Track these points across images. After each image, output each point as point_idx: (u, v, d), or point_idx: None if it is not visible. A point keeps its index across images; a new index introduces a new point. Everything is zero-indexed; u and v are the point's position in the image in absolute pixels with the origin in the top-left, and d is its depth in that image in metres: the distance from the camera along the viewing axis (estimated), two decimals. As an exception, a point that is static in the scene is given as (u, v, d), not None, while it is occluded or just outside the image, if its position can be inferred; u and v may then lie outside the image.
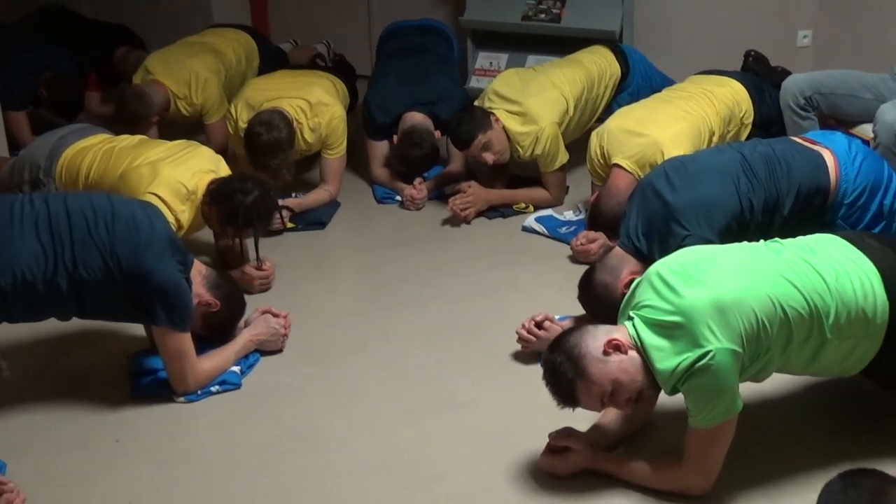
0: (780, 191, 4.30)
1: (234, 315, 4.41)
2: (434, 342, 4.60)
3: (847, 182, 4.34)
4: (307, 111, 5.82)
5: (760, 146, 4.47)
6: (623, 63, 6.23)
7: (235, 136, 5.89)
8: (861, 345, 3.48)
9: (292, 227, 5.74)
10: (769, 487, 3.54)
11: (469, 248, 5.56)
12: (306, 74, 6.32)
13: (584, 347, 3.39)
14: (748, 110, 5.57)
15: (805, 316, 3.36)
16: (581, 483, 3.58)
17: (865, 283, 3.45)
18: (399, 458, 3.81)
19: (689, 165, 4.42)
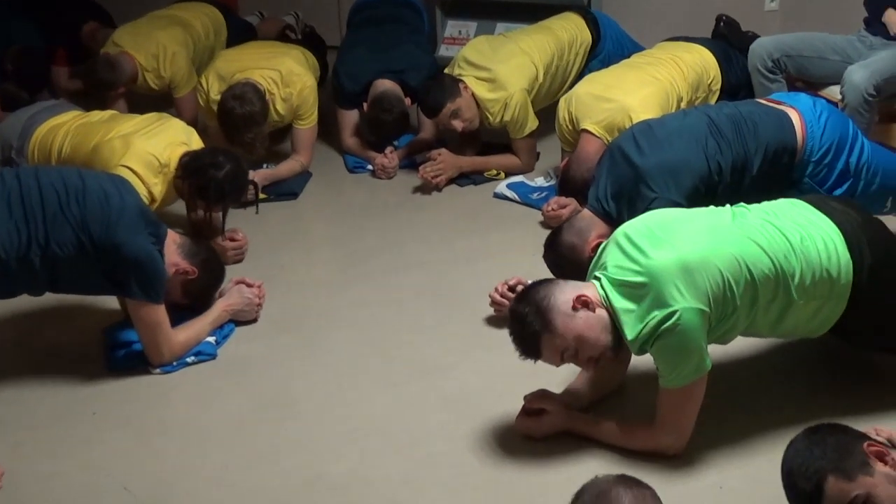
0: (747, 151, 4.32)
1: (213, 282, 4.42)
2: (407, 309, 4.63)
3: (813, 140, 4.36)
4: (278, 82, 5.82)
5: (727, 108, 4.50)
6: (594, 30, 6.22)
7: (207, 108, 5.88)
8: (827, 305, 3.52)
9: (264, 197, 5.74)
10: (742, 446, 3.58)
11: (441, 215, 5.58)
12: (277, 46, 6.34)
13: (552, 300, 3.41)
14: (716, 76, 5.60)
15: (771, 276, 3.39)
16: (557, 444, 3.62)
17: (829, 244, 3.48)
18: (376, 424, 3.83)
19: (656, 129, 4.44)
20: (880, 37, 5.56)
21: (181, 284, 4.24)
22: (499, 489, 3.48)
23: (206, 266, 4.32)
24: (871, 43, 5.56)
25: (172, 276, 4.17)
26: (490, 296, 4.39)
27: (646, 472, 3.41)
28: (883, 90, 5.15)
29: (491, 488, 3.48)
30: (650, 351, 3.39)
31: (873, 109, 5.15)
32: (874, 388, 3.81)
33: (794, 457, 2.79)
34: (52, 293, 4.18)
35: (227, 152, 4.87)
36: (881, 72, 5.16)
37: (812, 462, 2.73)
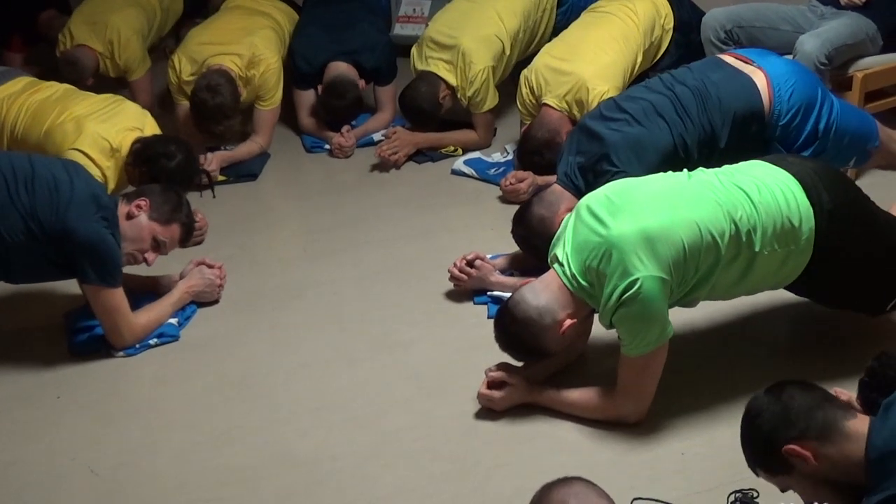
0: (714, 125, 4.33)
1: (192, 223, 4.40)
2: (368, 286, 4.65)
3: (781, 103, 4.36)
4: (241, 66, 5.81)
5: (691, 79, 4.47)
6: None
7: (177, 86, 5.89)
8: (792, 255, 3.56)
9: (223, 179, 5.75)
10: (703, 413, 3.62)
11: (400, 192, 5.59)
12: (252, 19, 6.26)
13: (543, 342, 3.52)
14: (668, 15, 5.65)
15: (731, 233, 3.43)
16: (519, 416, 3.66)
17: (787, 193, 3.53)
18: (340, 400, 3.86)
19: (623, 105, 4.45)
20: (831, 6, 5.59)
21: (171, 246, 4.25)
22: (465, 461, 3.50)
23: (182, 216, 4.28)
24: (822, 12, 5.59)
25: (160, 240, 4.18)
26: (449, 270, 4.43)
27: (609, 440, 3.46)
28: (834, 59, 5.20)
29: (457, 460, 3.51)
30: (613, 320, 3.43)
31: (825, 78, 5.18)
32: (836, 353, 3.85)
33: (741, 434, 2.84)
34: (9, 283, 4.19)
35: (178, 141, 4.86)
36: (832, 41, 5.20)
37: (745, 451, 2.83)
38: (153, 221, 4.16)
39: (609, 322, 3.45)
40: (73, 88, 5.18)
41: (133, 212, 4.14)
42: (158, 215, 4.17)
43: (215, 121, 5.53)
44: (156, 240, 4.17)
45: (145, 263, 4.21)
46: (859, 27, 5.38)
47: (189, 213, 4.33)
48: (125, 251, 4.13)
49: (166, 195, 4.24)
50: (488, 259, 4.44)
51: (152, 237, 4.16)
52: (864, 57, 5.41)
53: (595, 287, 3.43)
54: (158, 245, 4.19)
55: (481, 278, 4.38)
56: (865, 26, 5.40)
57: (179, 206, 4.26)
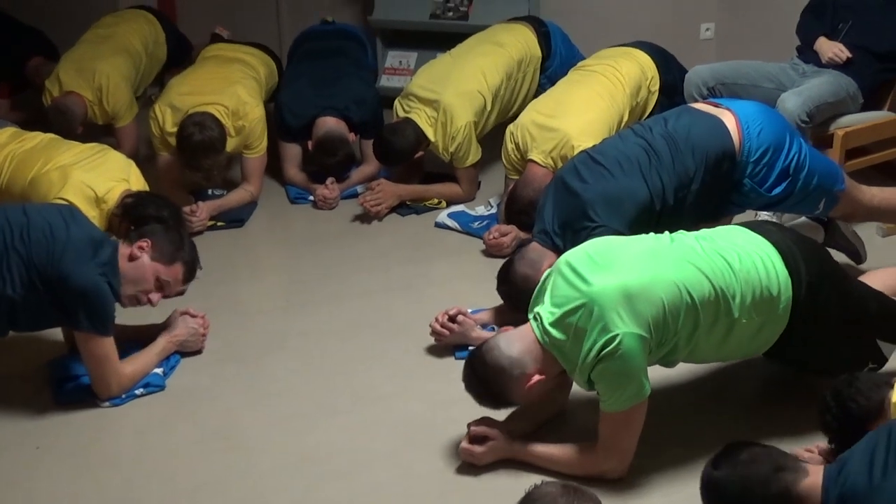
0: (687, 168, 4.35)
1: (195, 259, 4.37)
2: (351, 338, 4.65)
3: (750, 141, 4.37)
4: (227, 116, 5.82)
5: (660, 128, 4.49)
6: (544, 45, 6.27)
7: (160, 138, 5.87)
8: (768, 324, 3.60)
9: (212, 224, 5.78)
10: (683, 467, 3.63)
11: (383, 244, 5.60)
12: (229, 70, 6.28)
13: (508, 392, 3.53)
14: (654, 77, 5.71)
15: (711, 299, 3.46)
16: (501, 471, 3.66)
17: (767, 262, 3.56)
18: (320, 453, 3.86)
19: (596, 158, 4.47)
20: (812, 64, 5.67)
21: (174, 285, 4.26)
22: (444, 516, 3.50)
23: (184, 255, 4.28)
24: (804, 70, 5.67)
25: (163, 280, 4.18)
26: (431, 325, 4.44)
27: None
28: (815, 116, 5.26)
29: (436, 515, 3.51)
30: (592, 376, 3.43)
31: (806, 135, 5.24)
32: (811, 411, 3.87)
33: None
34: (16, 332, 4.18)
35: (170, 206, 4.85)
36: (814, 98, 5.27)
37: None
38: (156, 262, 4.16)
39: (587, 378, 3.46)
40: (58, 138, 5.20)
41: (135, 253, 4.15)
42: (161, 255, 4.17)
43: (203, 155, 5.53)
44: (159, 280, 4.17)
45: (150, 304, 4.21)
46: (840, 85, 5.45)
47: (192, 251, 4.33)
48: (128, 293, 4.13)
49: (168, 235, 4.25)
50: (470, 314, 4.46)
51: (156, 278, 4.17)
52: (845, 115, 5.49)
53: (570, 343, 3.44)
54: (162, 286, 4.20)
55: (463, 333, 4.39)
56: (846, 84, 5.47)
57: (181, 245, 4.27)
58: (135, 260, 4.14)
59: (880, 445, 2.67)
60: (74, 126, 6.17)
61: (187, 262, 4.27)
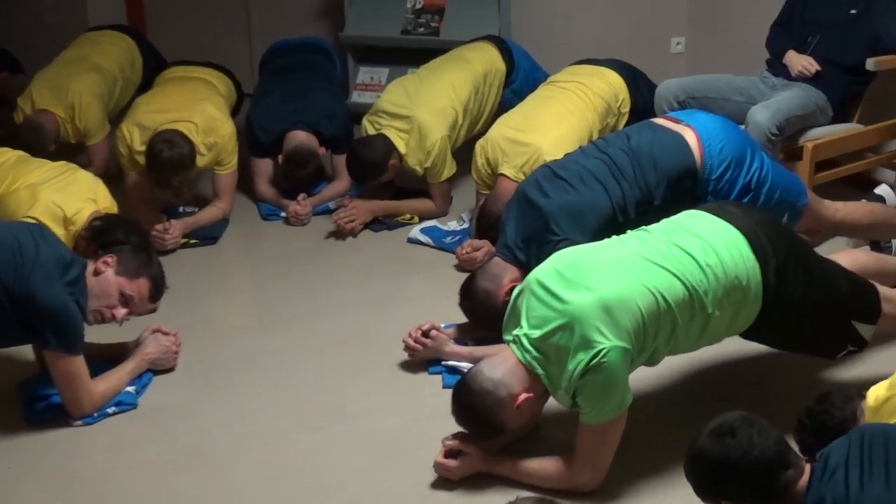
0: (649, 184, 4.38)
1: (161, 277, 4.34)
2: (324, 354, 4.65)
3: (712, 157, 4.40)
4: (197, 133, 5.80)
5: (623, 143, 4.52)
6: (508, 60, 6.32)
7: (128, 157, 5.83)
8: (743, 309, 3.63)
9: (185, 241, 5.77)
10: (658, 478, 3.65)
11: (356, 260, 5.60)
12: (196, 89, 6.28)
13: (499, 415, 3.52)
14: (625, 99, 5.73)
15: (685, 299, 3.48)
16: (475, 485, 3.66)
17: (733, 250, 3.59)
18: (294, 470, 3.84)
19: (558, 172, 4.49)
20: (782, 77, 5.71)
21: (140, 302, 4.22)
22: (418, 531, 3.50)
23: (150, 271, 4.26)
24: (774, 83, 5.70)
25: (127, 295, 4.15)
26: (404, 341, 4.44)
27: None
28: (785, 129, 5.29)
29: (411, 530, 3.50)
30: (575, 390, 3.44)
31: (776, 148, 5.28)
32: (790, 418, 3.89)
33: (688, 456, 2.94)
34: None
35: (139, 231, 4.82)
36: (783, 111, 5.30)
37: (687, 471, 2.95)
38: (120, 276, 4.14)
39: (571, 396, 3.46)
40: (26, 155, 5.19)
41: (100, 268, 4.13)
42: (126, 270, 4.15)
43: (173, 172, 5.49)
44: (123, 295, 4.15)
45: (114, 320, 4.18)
46: (810, 98, 5.48)
47: (159, 269, 4.31)
48: (93, 308, 4.11)
49: (135, 252, 4.24)
50: (443, 329, 4.46)
51: (120, 292, 4.14)
52: (815, 127, 5.51)
53: (553, 363, 3.45)
54: (127, 301, 4.17)
55: (436, 348, 4.39)
56: (816, 97, 5.50)
57: (149, 262, 4.25)
58: (99, 274, 4.12)
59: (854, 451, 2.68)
60: (47, 143, 6.16)
61: (153, 278, 4.24)
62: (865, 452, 2.64)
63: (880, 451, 2.64)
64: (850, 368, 4.22)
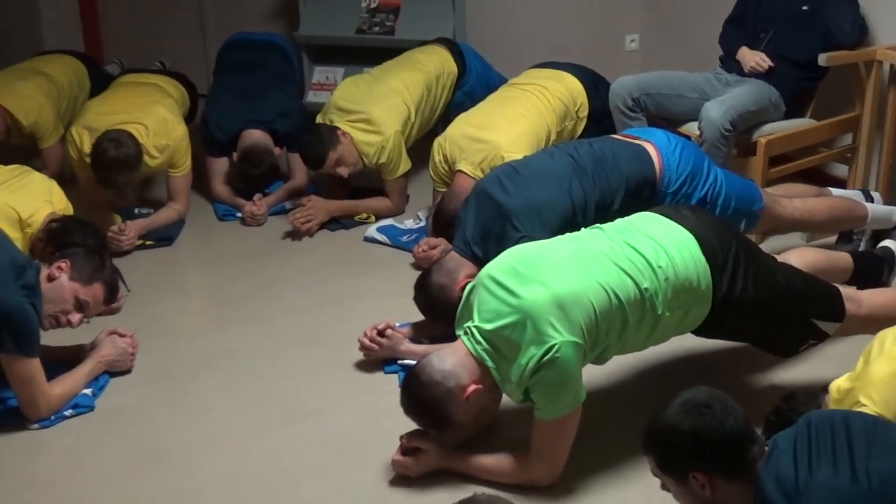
0: (610, 187, 4.42)
1: (115, 281, 4.35)
2: (281, 354, 4.65)
3: (670, 171, 4.47)
4: (148, 136, 5.76)
5: (586, 146, 4.59)
6: (459, 62, 6.35)
7: (79, 161, 5.78)
8: (692, 310, 3.66)
9: (141, 243, 5.75)
10: (615, 473, 3.68)
11: (312, 260, 5.60)
12: (148, 93, 6.24)
13: (447, 407, 3.52)
14: (583, 104, 5.74)
15: (636, 298, 3.51)
16: (433, 482, 3.67)
17: (684, 252, 3.62)
18: (252, 470, 3.84)
19: (520, 169, 4.53)
20: (735, 73, 5.75)
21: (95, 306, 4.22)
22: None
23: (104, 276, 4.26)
24: (727, 80, 5.74)
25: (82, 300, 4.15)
26: (359, 340, 4.44)
27: (522, 502, 3.48)
28: (739, 125, 5.33)
29: (369, 529, 3.51)
30: (528, 384, 3.45)
31: (730, 143, 5.32)
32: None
33: (660, 414, 2.93)
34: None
35: (96, 233, 4.79)
36: (737, 107, 5.34)
37: (652, 434, 2.92)
38: (74, 282, 4.13)
39: (523, 391, 3.48)
40: None
41: (54, 273, 4.11)
42: (80, 275, 4.14)
43: (117, 171, 5.45)
44: (78, 300, 4.14)
45: (69, 325, 4.17)
46: (762, 94, 5.53)
47: (112, 273, 4.30)
48: (48, 313, 4.09)
49: (88, 256, 4.22)
50: (399, 328, 4.47)
51: (74, 297, 4.13)
52: (768, 123, 5.55)
53: (504, 357, 3.46)
54: (81, 306, 4.16)
55: (392, 347, 4.40)
56: (769, 93, 5.55)
57: (102, 266, 4.24)
58: (53, 280, 4.11)
59: (801, 437, 2.70)
60: None
61: (107, 283, 4.24)
62: (812, 438, 2.67)
63: (826, 437, 2.67)
64: (809, 365, 4.26)
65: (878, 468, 2.56)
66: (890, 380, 3.01)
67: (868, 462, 2.57)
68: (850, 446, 2.62)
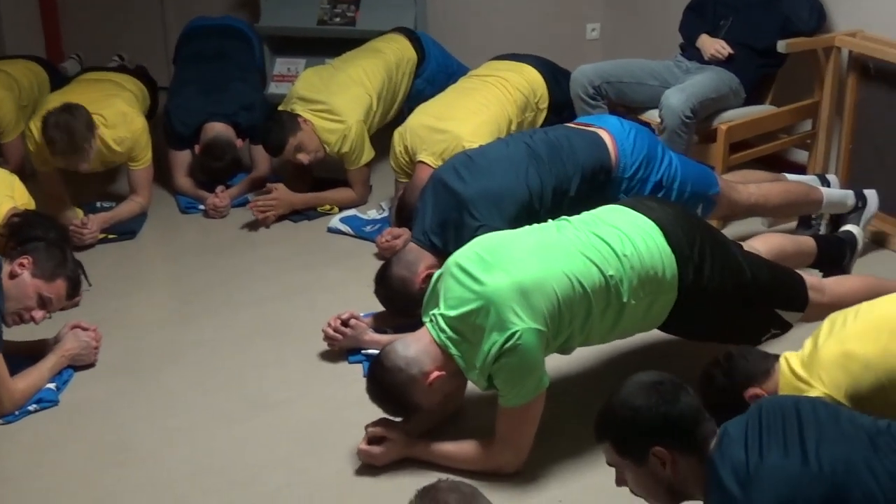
0: (566, 173, 4.44)
1: (78, 275, 4.35)
2: (245, 346, 4.65)
3: (625, 157, 4.50)
4: (106, 128, 5.72)
5: (541, 134, 4.62)
6: (418, 49, 6.35)
7: (38, 154, 5.70)
8: (658, 300, 3.69)
9: (103, 236, 5.72)
10: (580, 459, 3.71)
11: (276, 251, 5.60)
12: (106, 86, 6.19)
13: (411, 394, 3.55)
14: (543, 95, 5.75)
15: (601, 286, 3.54)
16: (399, 470, 3.69)
17: (650, 242, 3.65)
18: (217, 462, 3.85)
19: (476, 159, 4.54)
20: (695, 61, 5.78)
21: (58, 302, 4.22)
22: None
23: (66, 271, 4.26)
24: (687, 67, 5.77)
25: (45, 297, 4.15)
26: (323, 330, 4.45)
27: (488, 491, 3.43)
28: (699, 112, 5.35)
29: (335, 518, 3.52)
30: (491, 371, 3.47)
31: (691, 130, 5.35)
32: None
33: (613, 399, 2.89)
34: None
35: (57, 227, 4.77)
36: (697, 95, 5.36)
37: (608, 419, 2.87)
38: (37, 279, 4.13)
39: (487, 377, 3.50)
40: None
41: (16, 270, 4.10)
42: (42, 272, 4.14)
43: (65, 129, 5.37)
44: (41, 297, 4.14)
45: (33, 322, 4.16)
46: (722, 81, 5.56)
47: (74, 268, 4.29)
48: (11, 310, 4.08)
49: (50, 251, 4.22)
50: (362, 317, 4.48)
51: (37, 294, 4.13)
52: (728, 110, 5.58)
53: (468, 344, 3.49)
54: (45, 302, 4.15)
55: (356, 337, 4.41)
56: (728, 80, 5.58)
57: (64, 261, 4.24)
58: (15, 277, 4.10)
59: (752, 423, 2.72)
60: None
61: (70, 278, 4.24)
62: (763, 424, 2.69)
63: (777, 423, 2.68)
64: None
65: (829, 452, 2.58)
66: (839, 361, 3.04)
67: (819, 447, 2.60)
68: (800, 431, 2.64)
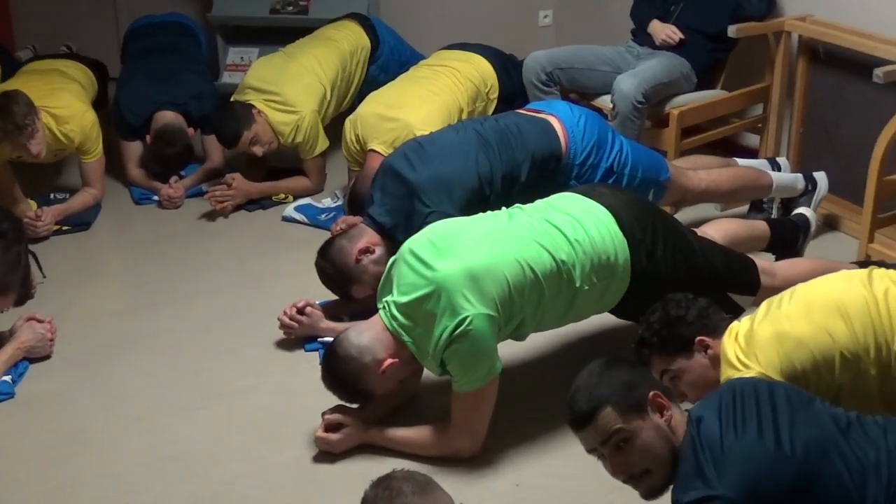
0: (516, 160, 4.45)
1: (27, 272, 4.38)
2: (201, 335, 4.65)
3: (575, 143, 4.51)
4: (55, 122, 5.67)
5: (491, 122, 4.64)
6: (372, 35, 6.35)
7: None
8: (611, 286, 3.72)
9: (57, 228, 5.69)
10: (537, 444, 3.74)
11: (231, 240, 5.59)
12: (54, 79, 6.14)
13: (364, 381, 3.59)
14: (493, 85, 5.77)
15: (553, 271, 3.56)
16: (357, 457, 3.72)
17: (602, 228, 3.68)
18: (175, 451, 3.85)
19: (426, 145, 4.55)
20: (647, 47, 5.81)
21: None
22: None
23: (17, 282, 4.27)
24: (639, 53, 5.80)
25: None
26: (279, 319, 4.46)
27: (445, 476, 3.50)
28: (651, 97, 5.38)
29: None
30: (444, 357, 3.50)
31: (643, 116, 5.38)
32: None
33: (586, 377, 2.86)
34: None
35: (11, 218, 4.73)
36: (648, 80, 5.39)
37: (598, 387, 2.81)
38: None
39: (440, 363, 3.52)
40: None
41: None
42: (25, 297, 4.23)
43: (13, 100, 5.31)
44: None
45: None
46: (674, 66, 5.59)
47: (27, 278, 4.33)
48: None
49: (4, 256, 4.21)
50: (318, 305, 4.49)
51: None
52: (680, 94, 5.61)
53: (420, 329, 3.51)
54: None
55: (311, 325, 4.42)
56: (680, 65, 5.61)
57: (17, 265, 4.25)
58: None
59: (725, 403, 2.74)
60: None
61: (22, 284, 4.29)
62: (737, 404, 2.71)
63: (751, 404, 2.71)
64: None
65: (802, 436, 2.61)
66: (774, 340, 3.07)
67: (792, 430, 2.62)
68: (774, 414, 2.67)
